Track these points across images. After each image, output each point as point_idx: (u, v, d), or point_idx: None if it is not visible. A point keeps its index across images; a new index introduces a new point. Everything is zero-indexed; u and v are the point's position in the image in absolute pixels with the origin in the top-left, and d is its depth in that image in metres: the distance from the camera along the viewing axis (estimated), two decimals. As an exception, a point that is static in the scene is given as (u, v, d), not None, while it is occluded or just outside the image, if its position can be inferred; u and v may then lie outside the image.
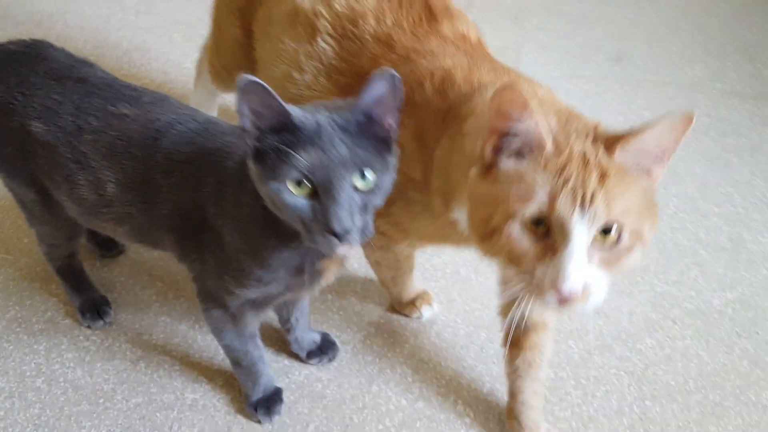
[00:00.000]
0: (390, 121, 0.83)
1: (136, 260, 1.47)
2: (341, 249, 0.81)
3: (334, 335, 1.35)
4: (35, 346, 1.31)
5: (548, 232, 0.76)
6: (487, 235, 0.80)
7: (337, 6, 1.12)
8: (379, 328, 1.38)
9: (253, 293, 0.99)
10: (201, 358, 1.31)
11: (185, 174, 0.96)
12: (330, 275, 0.99)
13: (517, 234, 0.77)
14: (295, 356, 1.32)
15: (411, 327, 1.39)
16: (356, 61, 1.09)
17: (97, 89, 1.03)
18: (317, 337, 1.32)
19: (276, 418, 1.21)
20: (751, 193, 1.67)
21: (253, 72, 1.22)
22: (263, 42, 1.25)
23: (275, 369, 1.28)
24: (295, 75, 1.14)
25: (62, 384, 1.25)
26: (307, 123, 0.78)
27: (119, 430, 1.19)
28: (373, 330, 1.38)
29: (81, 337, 1.33)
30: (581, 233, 0.73)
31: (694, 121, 0.74)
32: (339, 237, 0.79)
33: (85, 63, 1.09)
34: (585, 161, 0.75)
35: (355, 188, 0.80)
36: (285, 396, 1.24)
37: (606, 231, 0.75)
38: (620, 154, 0.76)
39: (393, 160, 0.85)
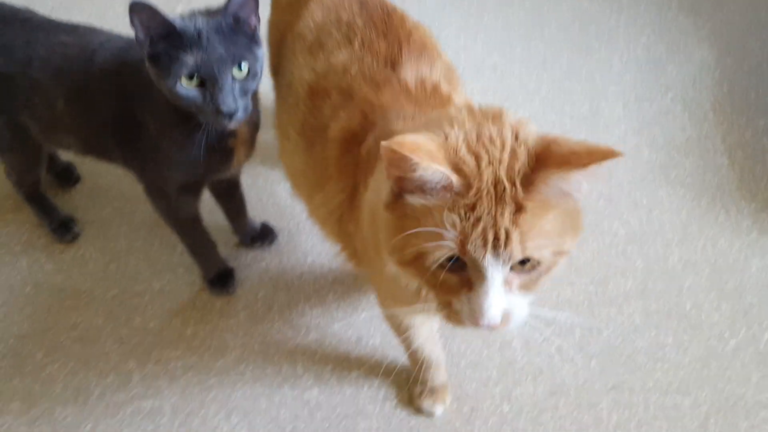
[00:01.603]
0: (253, 19, 1.07)
1: (92, 186, 1.70)
2: (231, 125, 1.07)
3: (272, 224, 1.61)
4: (18, 264, 1.54)
5: (464, 267, 0.73)
6: (401, 263, 0.78)
7: (318, 67, 1.14)
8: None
9: (182, 176, 1.23)
10: (162, 254, 1.56)
11: (115, 82, 1.19)
12: (241, 154, 1.24)
13: (431, 269, 0.74)
14: (241, 244, 1.59)
15: (335, 210, 1.66)
16: (321, 114, 1.10)
17: (39, 26, 1.24)
18: (257, 225, 1.58)
19: (231, 290, 1.49)
20: (609, 70, 1.99)
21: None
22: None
23: (225, 255, 1.54)
24: (285, 143, 1.22)
25: (46, 288, 1.50)
26: (189, 30, 1.01)
27: (103, 316, 1.45)
28: (304, 218, 1.65)
29: (56, 252, 1.56)
30: (496, 272, 0.71)
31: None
32: (228, 116, 1.05)
33: (26, 10, 1.30)
34: (498, 196, 0.70)
35: (234, 78, 1.05)
36: (236, 274, 1.51)
37: (523, 261, 0.72)
38: (538, 191, 0.70)
39: (260, 51, 1.09)
